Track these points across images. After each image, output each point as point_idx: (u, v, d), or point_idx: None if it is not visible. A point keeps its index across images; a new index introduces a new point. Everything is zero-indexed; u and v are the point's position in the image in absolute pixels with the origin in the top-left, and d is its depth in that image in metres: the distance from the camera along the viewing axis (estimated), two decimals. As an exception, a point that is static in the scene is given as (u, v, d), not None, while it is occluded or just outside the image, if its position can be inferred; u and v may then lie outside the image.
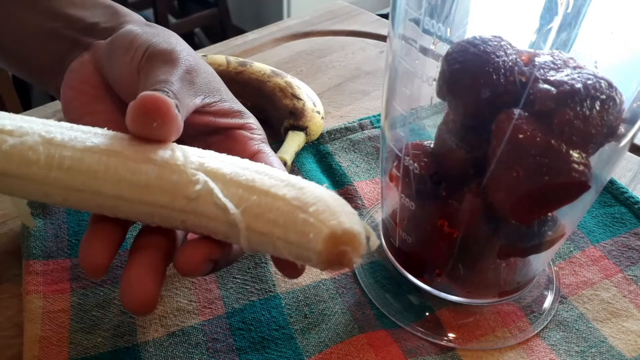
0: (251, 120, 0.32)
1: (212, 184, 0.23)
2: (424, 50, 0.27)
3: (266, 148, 0.31)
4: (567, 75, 0.24)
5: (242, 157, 0.28)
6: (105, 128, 0.26)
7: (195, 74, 0.29)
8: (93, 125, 0.28)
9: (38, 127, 0.24)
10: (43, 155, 0.23)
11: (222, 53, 0.61)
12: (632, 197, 0.41)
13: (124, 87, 0.30)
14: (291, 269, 0.26)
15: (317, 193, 0.23)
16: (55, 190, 0.24)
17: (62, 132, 0.24)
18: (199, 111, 0.29)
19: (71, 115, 0.31)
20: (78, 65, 0.32)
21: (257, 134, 0.32)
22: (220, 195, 0.23)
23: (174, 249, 0.27)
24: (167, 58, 0.28)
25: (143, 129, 0.24)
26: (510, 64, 0.25)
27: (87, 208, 0.25)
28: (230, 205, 0.23)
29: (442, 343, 0.32)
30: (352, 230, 0.22)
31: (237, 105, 0.32)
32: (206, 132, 0.31)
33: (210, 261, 0.25)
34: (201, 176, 0.24)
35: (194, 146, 0.26)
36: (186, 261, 0.25)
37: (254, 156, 0.30)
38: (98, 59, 0.31)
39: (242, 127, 0.32)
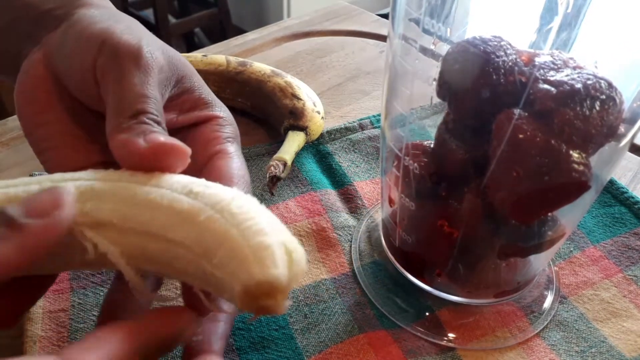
0: (221, 113, 0.29)
1: (105, 248, 0.21)
2: (424, 50, 0.27)
3: (229, 147, 0.28)
4: (567, 75, 0.24)
5: (200, 158, 0.26)
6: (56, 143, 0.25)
7: (166, 67, 0.27)
8: (47, 138, 0.27)
9: None
10: None
11: (222, 53, 0.61)
12: (632, 197, 0.41)
13: (75, 83, 0.27)
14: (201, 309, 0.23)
15: (221, 230, 0.20)
16: None
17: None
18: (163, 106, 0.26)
19: (24, 124, 0.28)
20: (28, 66, 0.28)
21: (225, 130, 0.28)
22: (115, 259, 0.21)
23: None
24: (135, 58, 0.25)
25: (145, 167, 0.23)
26: (510, 64, 0.25)
27: None
28: (124, 267, 0.21)
29: (442, 343, 0.32)
30: (266, 281, 0.18)
31: (208, 95, 0.29)
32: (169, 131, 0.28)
33: None
34: (89, 242, 0.21)
35: None
36: None
37: (212, 157, 0.27)
38: (49, 56, 0.28)
39: (209, 119, 0.28)
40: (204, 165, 0.27)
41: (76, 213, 0.21)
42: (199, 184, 0.21)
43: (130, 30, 0.26)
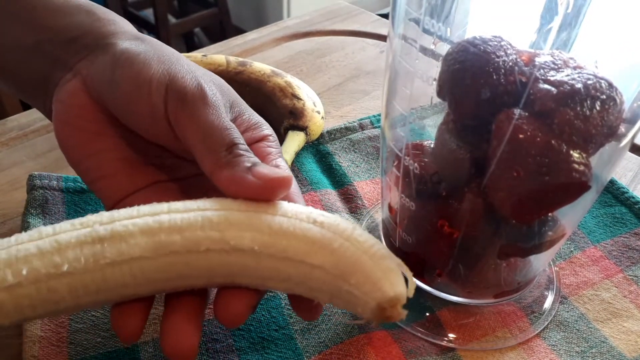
0: (268, 131, 0.31)
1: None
2: (424, 50, 0.27)
3: (283, 163, 0.30)
4: (568, 75, 0.24)
5: None
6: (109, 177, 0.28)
7: (221, 98, 0.28)
8: (99, 166, 0.28)
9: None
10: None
11: (222, 53, 0.61)
12: (633, 197, 0.41)
13: (144, 126, 0.28)
14: (308, 312, 0.27)
15: (354, 256, 0.24)
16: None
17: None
18: None
19: (71, 156, 0.29)
20: (67, 95, 0.28)
21: (274, 147, 0.31)
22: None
23: (207, 291, 0.27)
24: (202, 98, 0.27)
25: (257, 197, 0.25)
26: (510, 64, 0.25)
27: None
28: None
29: (442, 343, 0.32)
30: (395, 296, 0.23)
31: (255, 116, 0.31)
32: None
33: (252, 308, 0.26)
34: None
35: None
36: (230, 312, 0.25)
37: None
38: (92, 86, 0.28)
39: (262, 139, 0.30)
40: None
41: (217, 239, 0.24)
42: (318, 214, 0.25)
43: (184, 69, 0.28)
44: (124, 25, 0.31)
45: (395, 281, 0.24)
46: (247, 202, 0.25)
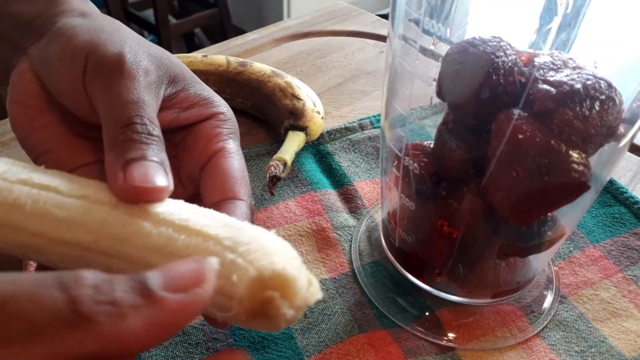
0: (222, 109, 0.29)
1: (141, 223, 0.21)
2: (424, 51, 0.27)
3: (231, 144, 0.28)
4: (567, 75, 0.24)
5: (202, 156, 0.27)
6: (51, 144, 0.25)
7: (153, 70, 0.26)
8: (42, 141, 0.27)
9: None
10: None
11: (222, 53, 0.61)
12: (632, 197, 0.41)
13: (67, 99, 0.27)
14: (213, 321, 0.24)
15: (256, 234, 0.20)
16: None
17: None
18: (161, 106, 0.27)
19: (20, 133, 0.28)
20: (17, 76, 0.28)
21: (226, 127, 0.28)
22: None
23: None
24: (118, 68, 0.25)
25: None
26: (509, 64, 0.25)
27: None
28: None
29: (442, 343, 0.32)
30: (284, 273, 0.19)
31: (205, 91, 0.29)
32: (170, 129, 0.28)
33: None
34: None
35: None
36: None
37: (213, 156, 0.27)
38: (36, 66, 0.28)
39: (211, 116, 0.28)
40: (206, 163, 0.27)
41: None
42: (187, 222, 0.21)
43: (112, 39, 0.26)
44: (77, 3, 0.30)
45: (293, 264, 0.19)
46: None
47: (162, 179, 0.22)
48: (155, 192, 0.22)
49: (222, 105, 0.29)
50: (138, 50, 0.27)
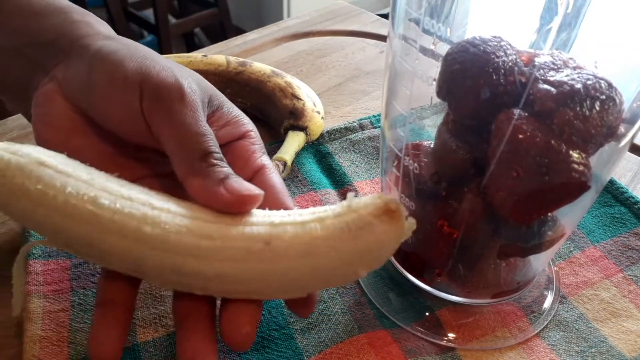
0: (250, 126, 0.31)
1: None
2: (424, 50, 0.27)
3: (267, 161, 0.30)
4: (567, 75, 0.24)
5: (245, 173, 0.29)
6: (104, 171, 0.26)
7: (200, 94, 0.28)
8: (84, 160, 0.27)
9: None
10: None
11: (222, 53, 0.61)
12: (632, 197, 0.41)
13: (117, 124, 0.28)
14: (303, 307, 0.28)
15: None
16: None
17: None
18: None
19: None
20: (43, 98, 0.28)
21: (257, 144, 0.31)
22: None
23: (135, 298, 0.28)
24: (179, 97, 0.26)
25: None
26: (510, 64, 0.25)
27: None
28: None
29: (442, 343, 0.32)
30: (395, 202, 0.24)
31: (234, 109, 0.31)
32: None
33: (257, 322, 0.26)
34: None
35: None
36: (237, 333, 0.25)
37: (257, 172, 0.29)
38: (69, 90, 0.28)
39: (243, 135, 0.30)
40: (249, 179, 0.29)
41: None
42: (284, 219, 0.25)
43: (159, 64, 0.27)
44: (99, 26, 0.31)
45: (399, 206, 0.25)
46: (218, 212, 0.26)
47: (254, 187, 0.26)
48: (257, 198, 0.25)
49: (250, 123, 0.31)
50: (186, 74, 0.28)
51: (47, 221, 0.24)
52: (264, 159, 0.30)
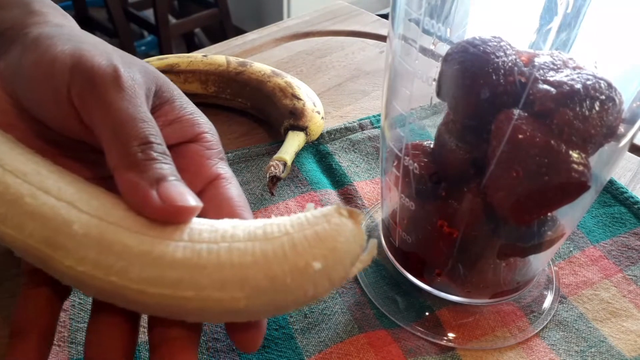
0: (206, 127, 0.27)
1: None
2: (424, 51, 0.27)
3: (224, 169, 0.27)
4: (567, 75, 0.24)
5: (195, 184, 0.26)
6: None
7: (143, 82, 0.25)
8: None
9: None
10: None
11: (222, 53, 0.61)
12: (632, 197, 0.41)
13: (43, 111, 0.25)
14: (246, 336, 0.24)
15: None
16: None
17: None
18: None
19: None
20: None
21: (214, 149, 0.27)
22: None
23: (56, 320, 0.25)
24: (115, 81, 0.23)
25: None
26: (509, 64, 0.25)
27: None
28: None
29: (441, 343, 0.32)
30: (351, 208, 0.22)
31: (189, 106, 0.28)
32: None
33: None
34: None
35: None
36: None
37: (210, 183, 0.26)
38: (6, 80, 0.26)
39: (196, 138, 0.27)
40: (202, 189, 0.26)
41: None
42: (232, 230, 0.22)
43: (97, 49, 0.25)
44: (53, 16, 0.29)
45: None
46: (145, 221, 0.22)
47: (193, 198, 0.22)
48: (193, 211, 0.22)
49: (206, 124, 0.28)
50: (127, 61, 0.25)
51: None
52: (220, 167, 0.27)
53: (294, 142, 0.44)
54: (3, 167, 0.22)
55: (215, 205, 0.26)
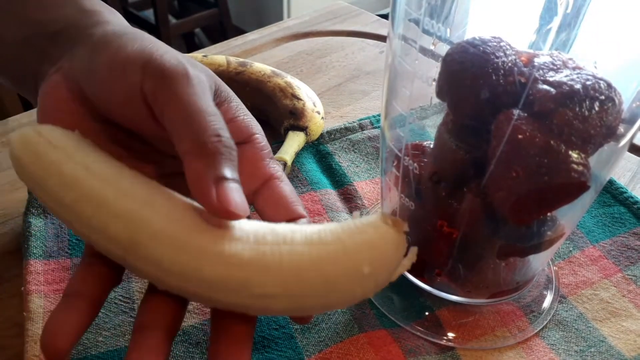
0: (257, 129, 0.29)
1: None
2: (424, 51, 0.27)
3: (277, 168, 0.29)
4: (567, 75, 0.24)
5: (253, 182, 0.28)
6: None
7: (206, 80, 0.26)
8: None
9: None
10: None
11: (222, 53, 0.61)
12: (632, 197, 0.41)
13: (117, 109, 0.27)
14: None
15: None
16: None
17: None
18: None
19: None
20: (48, 88, 0.28)
21: (266, 150, 0.29)
22: None
23: (180, 321, 0.26)
24: (185, 77, 0.25)
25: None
26: (509, 64, 0.25)
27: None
28: None
29: (441, 342, 0.32)
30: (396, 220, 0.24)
31: (242, 108, 0.29)
32: None
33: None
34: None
35: None
36: None
37: (266, 182, 0.29)
38: (72, 79, 0.27)
39: (249, 139, 0.29)
40: (258, 187, 0.29)
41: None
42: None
43: (163, 48, 0.26)
44: (109, 15, 0.30)
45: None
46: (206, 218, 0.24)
47: (242, 207, 0.23)
48: (237, 217, 0.23)
49: (257, 126, 0.30)
50: (190, 61, 0.27)
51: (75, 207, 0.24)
52: (272, 166, 0.29)
53: (294, 142, 0.44)
54: (88, 170, 0.24)
55: (272, 203, 0.29)
